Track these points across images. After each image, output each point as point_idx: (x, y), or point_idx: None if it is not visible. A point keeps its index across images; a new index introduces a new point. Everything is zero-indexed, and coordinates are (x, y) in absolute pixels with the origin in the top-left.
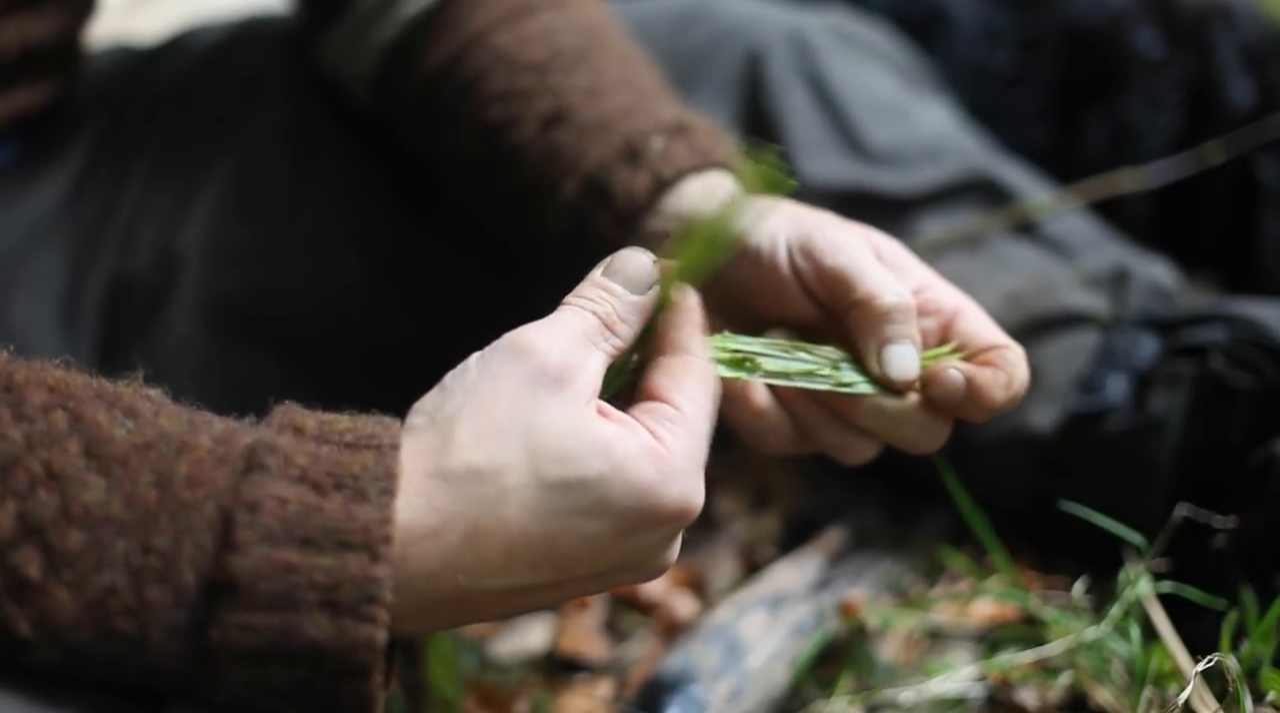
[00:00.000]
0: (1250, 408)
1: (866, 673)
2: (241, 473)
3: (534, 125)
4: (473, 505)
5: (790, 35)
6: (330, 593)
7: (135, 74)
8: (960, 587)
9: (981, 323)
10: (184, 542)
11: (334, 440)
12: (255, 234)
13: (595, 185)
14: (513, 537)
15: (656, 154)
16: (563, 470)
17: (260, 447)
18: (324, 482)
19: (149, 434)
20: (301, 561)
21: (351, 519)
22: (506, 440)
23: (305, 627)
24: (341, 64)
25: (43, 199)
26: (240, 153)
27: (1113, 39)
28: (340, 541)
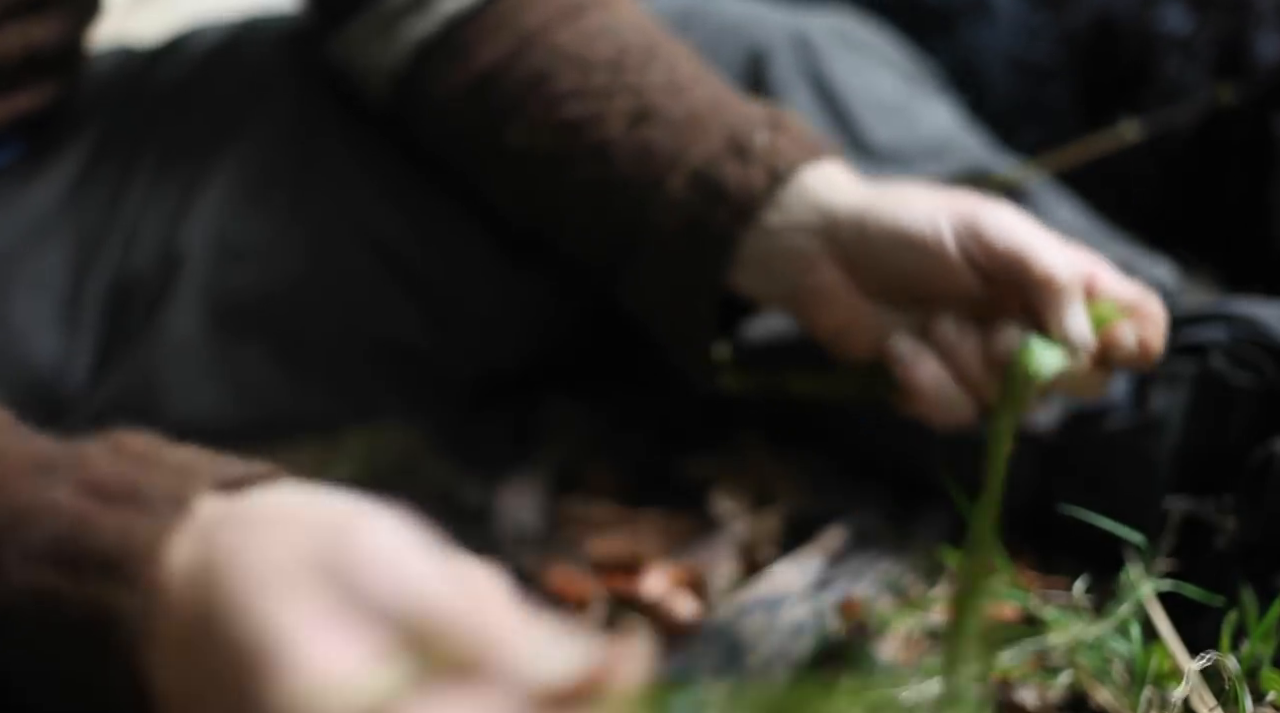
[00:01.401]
0: (1251, 407)
1: (866, 673)
2: (34, 477)
3: (620, 122)
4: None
5: (792, 35)
6: (85, 624)
7: (137, 75)
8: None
9: (1115, 279)
10: None
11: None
12: (258, 230)
13: (706, 180)
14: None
15: (764, 147)
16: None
17: (67, 455)
18: (112, 493)
19: None
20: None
21: (123, 536)
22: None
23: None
24: (360, 59)
25: (44, 198)
26: (243, 149)
27: (1140, 26)
28: (104, 562)
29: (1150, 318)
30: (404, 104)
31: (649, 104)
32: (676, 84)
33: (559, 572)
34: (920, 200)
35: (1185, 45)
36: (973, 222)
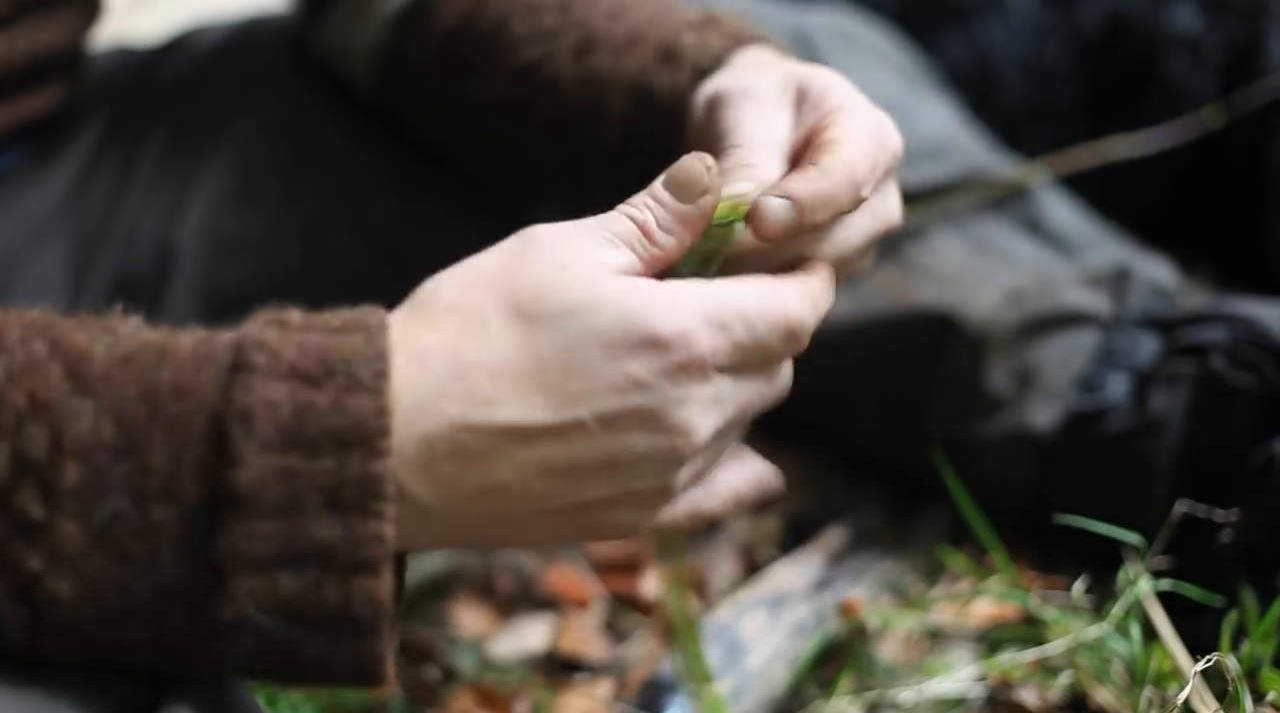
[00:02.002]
0: (1250, 408)
1: (866, 673)
2: (229, 372)
3: (567, 58)
4: (454, 337)
5: (793, 34)
6: (333, 494)
7: (137, 75)
8: (960, 587)
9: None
10: (182, 459)
11: (320, 328)
12: (252, 225)
13: (639, 92)
14: (497, 363)
15: (691, 48)
16: (544, 304)
17: (246, 343)
18: (314, 372)
19: (129, 346)
20: (301, 465)
21: (345, 414)
22: (487, 285)
23: (312, 529)
24: (343, 43)
25: (45, 199)
26: (236, 145)
27: (1151, 26)
28: (338, 439)
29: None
30: (386, 81)
31: (593, 33)
32: (619, 8)
33: (559, 572)
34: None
35: (1194, 46)
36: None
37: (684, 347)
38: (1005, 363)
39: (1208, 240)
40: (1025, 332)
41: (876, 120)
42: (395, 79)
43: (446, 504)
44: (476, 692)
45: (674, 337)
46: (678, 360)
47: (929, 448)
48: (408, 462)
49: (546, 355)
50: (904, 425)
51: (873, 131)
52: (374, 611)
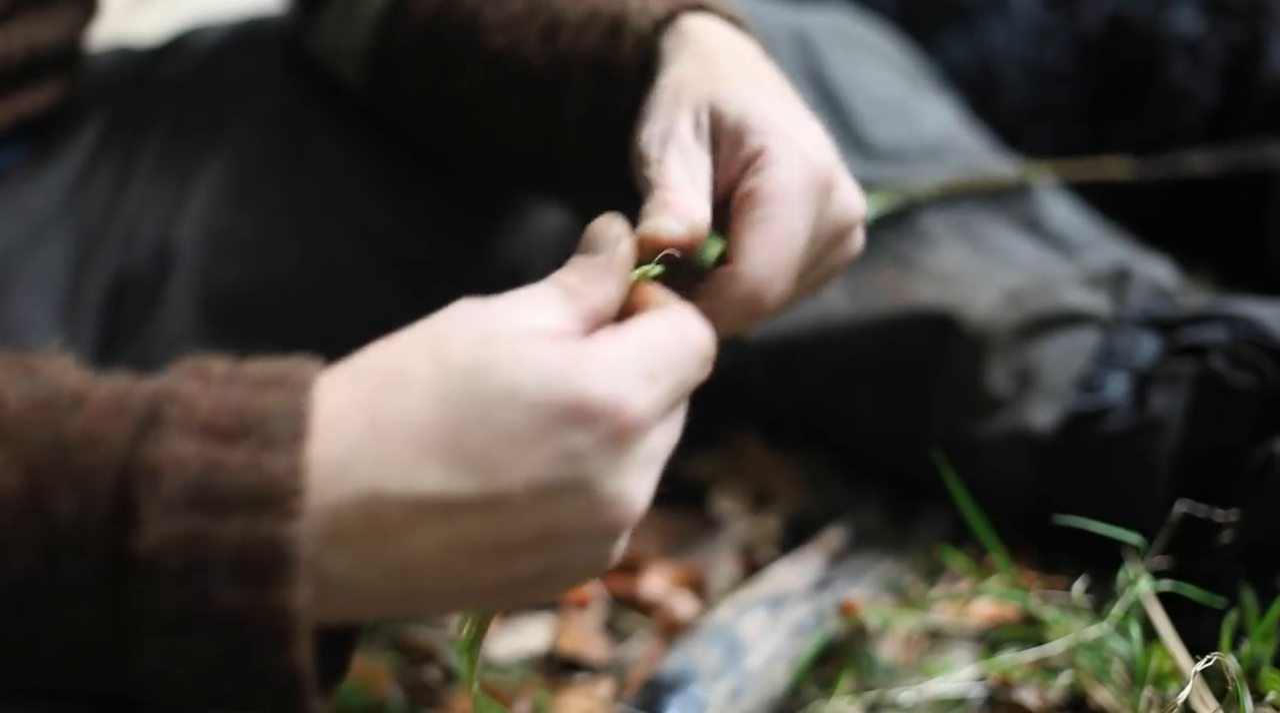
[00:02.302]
0: (1250, 408)
1: (866, 673)
2: (141, 424)
3: (535, 42)
4: (372, 395)
5: (793, 33)
6: (240, 558)
7: (136, 74)
8: (960, 587)
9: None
10: (88, 515)
11: (242, 381)
12: (250, 224)
13: (597, 68)
14: (417, 427)
15: (634, 14)
16: (467, 354)
17: (161, 395)
18: (230, 428)
19: (44, 392)
20: (207, 526)
21: (259, 472)
22: (414, 345)
23: (219, 595)
24: (335, 45)
25: (44, 198)
26: (235, 145)
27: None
28: (247, 499)
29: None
30: (375, 81)
31: (556, 15)
32: None
33: None
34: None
35: (1195, 48)
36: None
37: (617, 414)
38: (1005, 363)
39: (1208, 240)
40: (1025, 332)
41: (809, 175)
42: (381, 78)
43: (359, 581)
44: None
45: (606, 404)
46: (612, 430)
47: (929, 448)
48: (316, 532)
49: (469, 419)
50: (904, 425)
51: (801, 188)
52: (290, 678)
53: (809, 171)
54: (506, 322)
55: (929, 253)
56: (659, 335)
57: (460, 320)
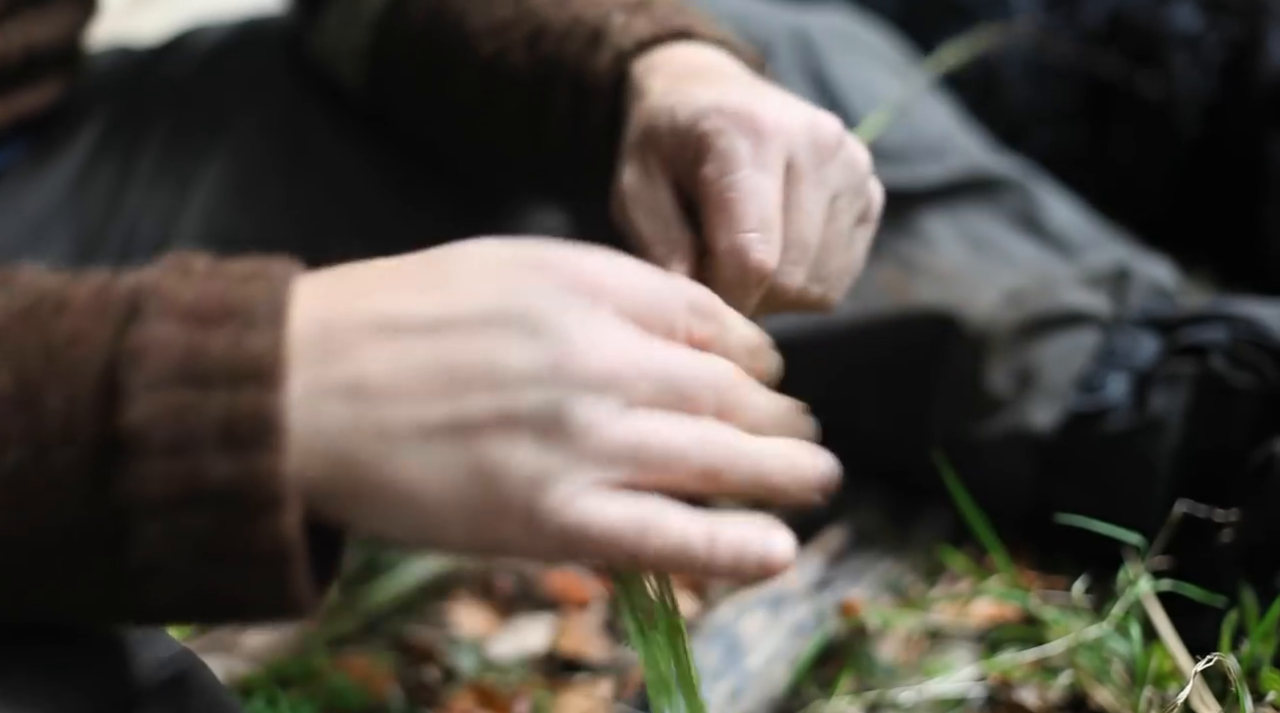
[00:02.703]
0: (1250, 408)
1: (866, 673)
2: (124, 319)
3: (521, 50)
4: (348, 269)
5: (793, 33)
6: (228, 428)
7: (136, 74)
8: (960, 587)
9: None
10: (76, 402)
11: (224, 276)
12: (251, 225)
13: (576, 78)
14: (380, 268)
15: (617, 30)
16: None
17: (143, 290)
18: (211, 314)
19: (27, 298)
20: (193, 400)
21: (241, 350)
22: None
23: (207, 466)
24: (333, 48)
25: (44, 198)
26: (236, 145)
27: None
28: (232, 374)
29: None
30: (372, 82)
31: (542, 22)
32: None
33: (559, 572)
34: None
35: (1193, 44)
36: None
37: (571, 265)
38: (1005, 363)
39: (1208, 240)
40: (1025, 332)
41: (736, 124)
42: (379, 80)
43: (315, 400)
44: (476, 692)
45: (566, 257)
46: (569, 277)
47: (929, 448)
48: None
49: (429, 264)
50: (904, 425)
51: (744, 144)
52: (281, 548)
53: (751, 128)
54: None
55: (929, 253)
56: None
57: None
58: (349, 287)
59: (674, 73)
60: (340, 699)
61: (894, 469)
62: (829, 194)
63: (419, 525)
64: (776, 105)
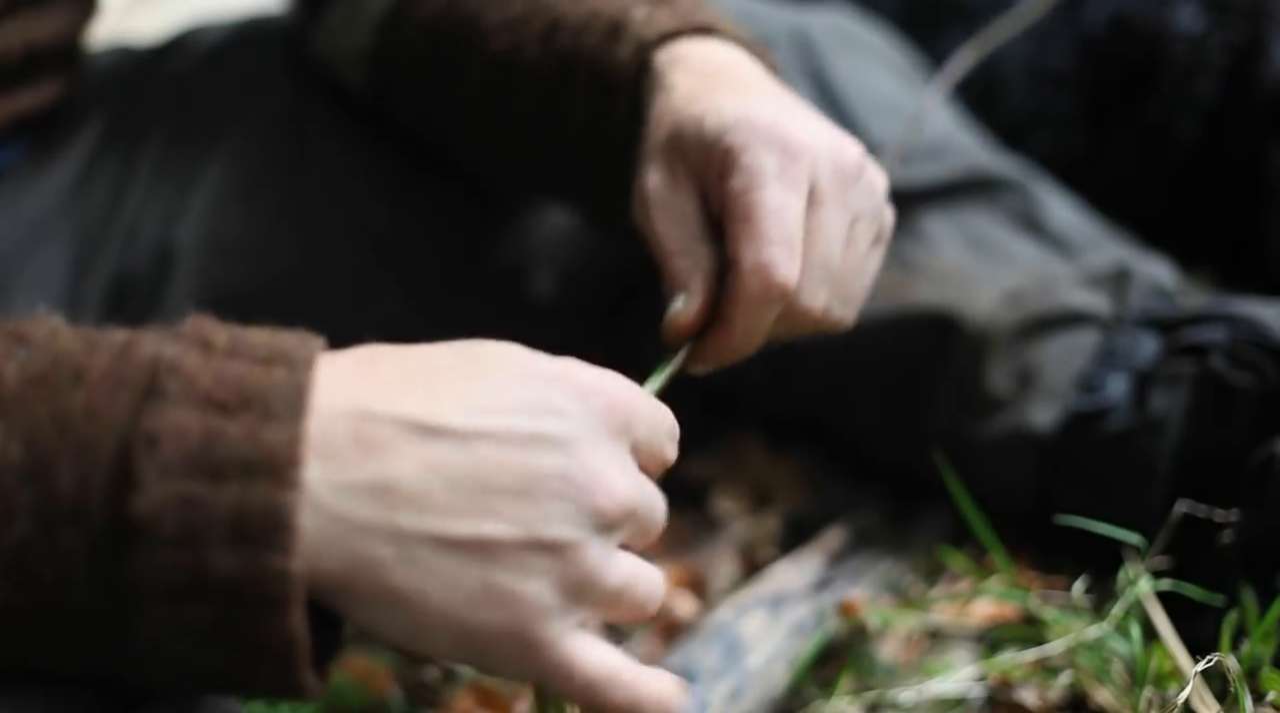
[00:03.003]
0: (1250, 408)
1: (866, 673)
2: (142, 396)
3: (536, 44)
4: (376, 352)
5: (793, 33)
6: (237, 523)
7: (136, 74)
8: (960, 587)
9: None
10: (88, 482)
11: (245, 356)
12: (252, 225)
13: (595, 70)
14: (412, 365)
15: (638, 22)
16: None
17: (162, 366)
18: (229, 402)
19: (42, 364)
20: (205, 491)
21: (257, 443)
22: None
23: (215, 560)
24: (335, 49)
25: (44, 198)
26: (237, 146)
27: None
28: (246, 467)
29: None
30: (376, 83)
31: (557, 16)
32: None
33: None
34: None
35: (1195, 48)
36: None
37: (605, 394)
38: (1005, 363)
39: (1208, 240)
40: (1025, 332)
41: (766, 140)
42: (383, 81)
43: (338, 495)
44: (476, 692)
45: (593, 379)
46: (598, 402)
47: (929, 448)
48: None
49: (462, 366)
50: (904, 425)
51: (772, 161)
52: (285, 645)
53: (780, 147)
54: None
55: (929, 253)
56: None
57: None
58: (381, 380)
59: (698, 70)
60: (340, 699)
61: (894, 469)
62: (850, 217)
63: (414, 631)
64: (804, 124)
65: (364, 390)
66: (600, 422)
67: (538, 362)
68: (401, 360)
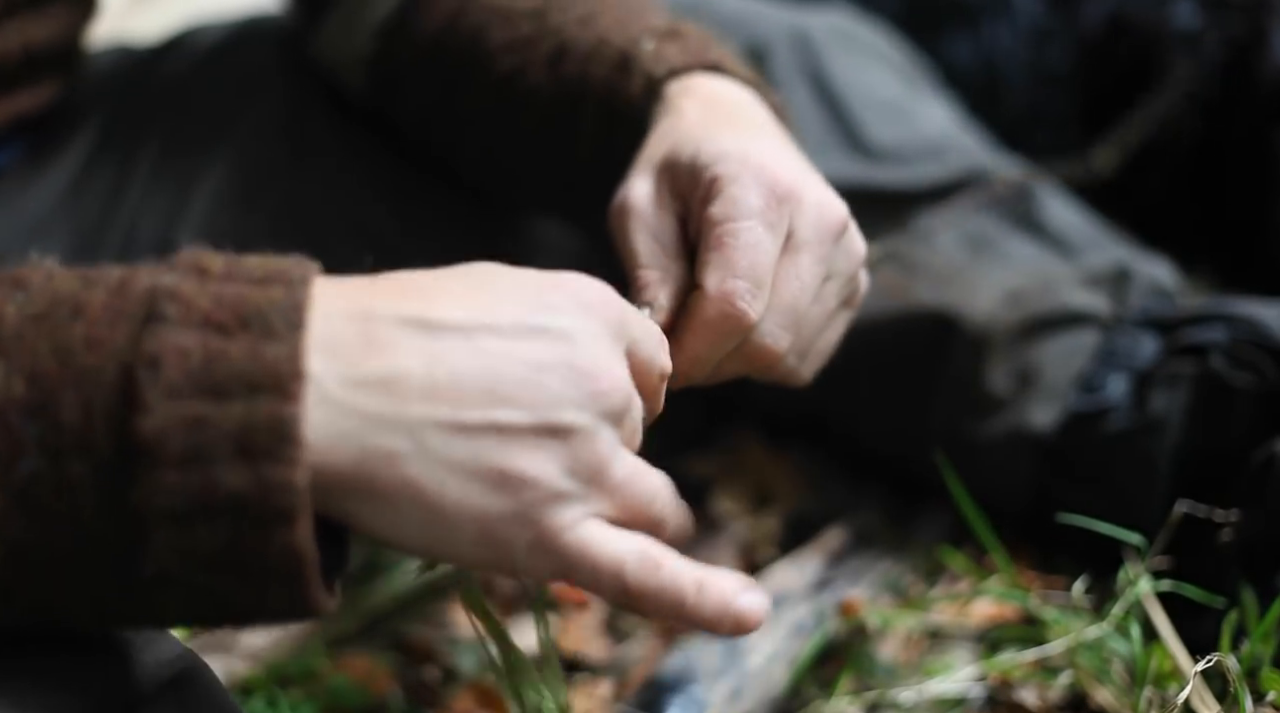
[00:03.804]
0: (1250, 408)
1: (866, 673)
2: (141, 324)
3: (541, 68)
4: (377, 278)
5: (792, 33)
6: (243, 439)
7: (135, 74)
8: (960, 587)
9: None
10: (92, 410)
11: (241, 278)
12: (252, 227)
13: (603, 101)
14: (423, 278)
15: (648, 56)
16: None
17: (160, 294)
18: (228, 323)
19: (41, 303)
20: (210, 410)
21: (258, 359)
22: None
23: (222, 477)
24: (336, 54)
25: (43, 198)
26: (237, 146)
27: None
28: (249, 384)
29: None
30: (376, 90)
31: (565, 41)
32: (591, 13)
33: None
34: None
35: (1194, 43)
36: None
37: (606, 301)
38: (1005, 363)
39: (1211, 240)
40: (1025, 332)
41: (755, 177)
42: (384, 88)
43: (347, 389)
44: (476, 692)
45: (583, 280)
46: (599, 308)
47: (929, 448)
48: (311, 338)
49: (460, 277)
50: (904, 425)
51: (756, 197)
52: (294, 559)
53: (768, 187)
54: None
55: (929, 253)
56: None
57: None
58: (380, 288)
59: (707, 100)
60: (340, 699)
61: (894, 469)
62: (824, 272)
63: (429, 528)
64: (798, 172)
65: (365, 297)
66: (597, 319)
67: (532, 272)
68: (398, 277)
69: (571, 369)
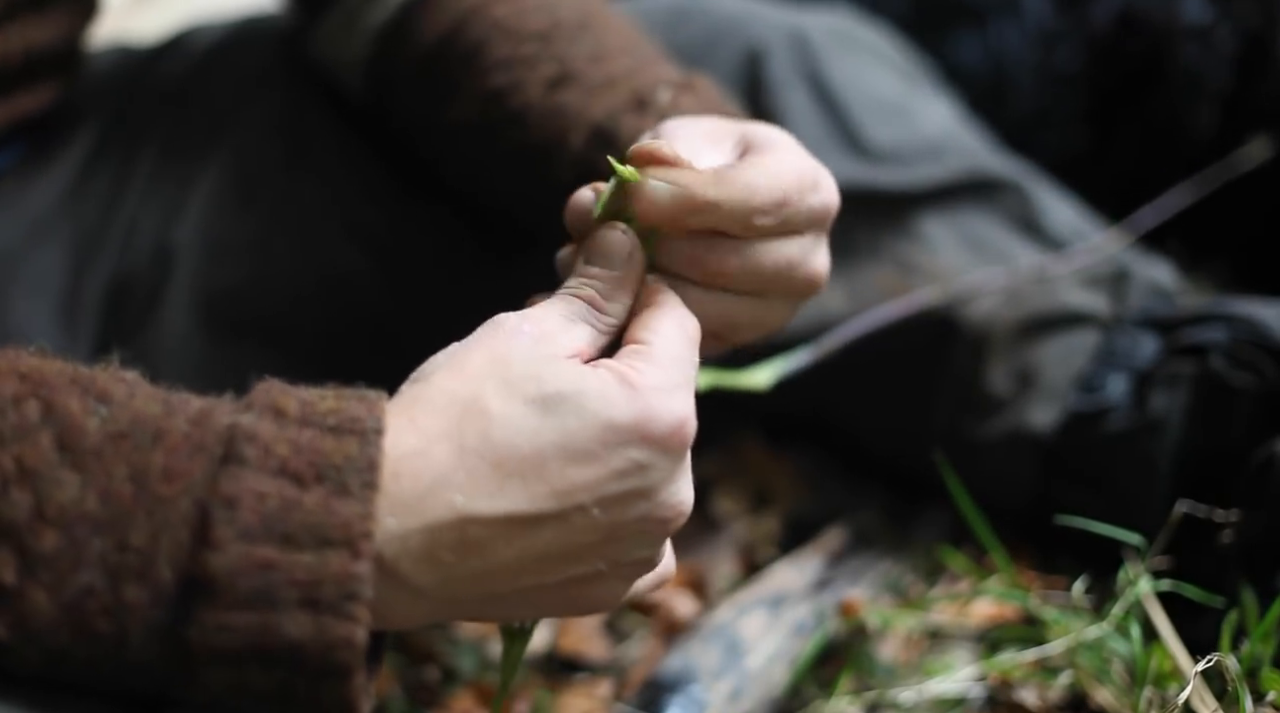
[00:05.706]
0: (1250, 408)
1: (866, 673)
2: (219, 462)
3: (538, 88)
4: (457, 426)
5: (790, 34)
6: (310, 591)
7: (135, 74)
8: (960, 587)
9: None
10: (161, 539)
11: (316, 424)
12: (250, 227)
13: (603, 133)
14: (501, 453)
15: (664, 104)
16: (539, 388)
17: (239, 434)
18: (304, 473)
19: (123, 422)
20: (280, 557)
21: (332, 514)
22: (482, 375)
23: (284, 626)
24: (334, 53)
25: (43, 199)
26: (234, 146)
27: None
28: (320, 537)
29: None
30: (372, 93)
31: (569, 70)
32: (601, 53)
33: None
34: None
35: (1203, 37)
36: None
37: (675, 431)
38: (1005, 363)
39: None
40: (1025, 332)
41: (805, 166)
42: (380, 92)
43: (443, 588)
44: (476, 692)
45: (665, 424)
46: (675, 445)
47: (929, 448)
48: (411, 551)
49: (547, 444)
50: (904, 425)
51: (794, 170)
52: (345, 707)
53: (802, 181)
54: (555, 346)
55: (928, 254)
56: (675, 341)
57: (516, 346)
58: (473, 470)
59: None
60: None
61: (894, 469)
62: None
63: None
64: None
65: (465, 491)
66: (677, 458)
67: (614, 407)
68: (490, 445)
69: (647, 522)
